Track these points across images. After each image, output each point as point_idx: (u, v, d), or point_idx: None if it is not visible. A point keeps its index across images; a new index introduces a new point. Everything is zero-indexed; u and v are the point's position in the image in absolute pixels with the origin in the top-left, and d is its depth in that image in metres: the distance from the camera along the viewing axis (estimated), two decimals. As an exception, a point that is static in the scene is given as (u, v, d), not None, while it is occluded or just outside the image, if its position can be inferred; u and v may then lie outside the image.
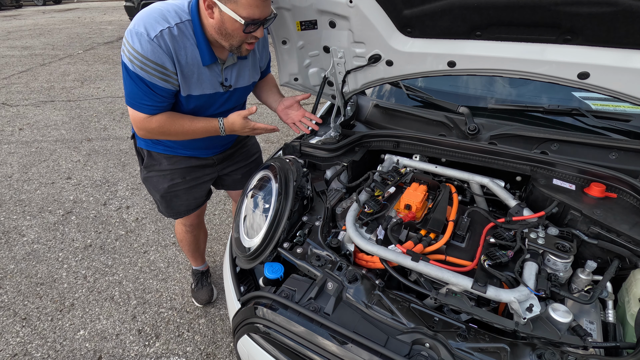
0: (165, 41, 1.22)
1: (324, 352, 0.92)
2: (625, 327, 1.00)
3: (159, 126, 1.36)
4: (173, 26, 1.23)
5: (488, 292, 0.96)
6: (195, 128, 1.42)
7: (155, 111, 1.34)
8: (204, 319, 2.21)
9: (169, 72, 1.27)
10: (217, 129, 1.43)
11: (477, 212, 1.33)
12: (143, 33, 1.19)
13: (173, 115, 1.38)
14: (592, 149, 1.42)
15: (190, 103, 1.40)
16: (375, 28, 1.40)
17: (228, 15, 1.18)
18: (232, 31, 1.22)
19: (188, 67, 1.31)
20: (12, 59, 7.94)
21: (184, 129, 1.40)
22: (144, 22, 1.20)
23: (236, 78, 1.47)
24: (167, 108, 1.37)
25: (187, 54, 1.28)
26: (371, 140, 1.65)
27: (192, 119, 1.42)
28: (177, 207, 1.80)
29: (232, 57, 1.42)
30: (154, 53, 1.21)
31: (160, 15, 1.22)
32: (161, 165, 1.66)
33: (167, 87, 1.29)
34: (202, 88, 1.38)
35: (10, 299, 2.36)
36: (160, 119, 1.35)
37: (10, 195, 3.39)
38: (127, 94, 1.30)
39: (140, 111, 1.32)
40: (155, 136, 1.43)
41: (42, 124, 4.83)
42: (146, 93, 1.27)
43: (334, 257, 1.15)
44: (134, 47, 1.20)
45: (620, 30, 1.06)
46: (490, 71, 1.34)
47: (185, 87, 1.34)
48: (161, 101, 1.32)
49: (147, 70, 1.22)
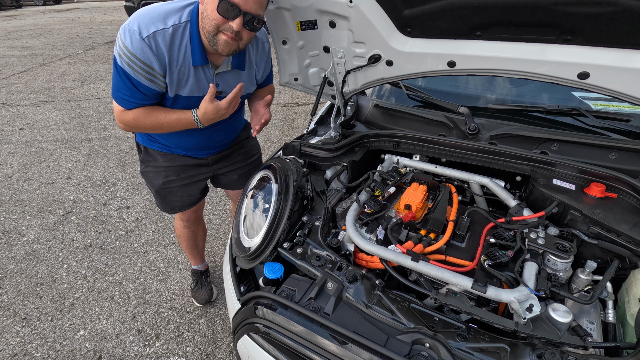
0: (156, 42, 1.23)
1: (324, 352, 0.92)
2: (625, 327, 1.00)
3: (134, 119, 1.37)
4: (168, 28, 1.24)
5: (488, 292, 0.96)
6: (170, 120, 1.39)
7: (134, 107, 1.35)
8: (204, 319, 2.21)
9: (156, 72, 1.28)
10: (190, 120, 1.39)
11: (477, 212, 1.33)
12: (135, 31, 1.20)
13: (148, 109, 1.38)
14: (592, 149, 1.42)
15: (177, 103, 1.41)
16: (375, 28, 1.40)
17: None
18: (210, 12, 1.20)
19: (179, 68, 1.32)
20: (12, 59, 7.94)
21: (159, 120, 1.39)
22: (138, 21, 1.22)
23: (229, 86, 1.46)
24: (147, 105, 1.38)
25: (179, 54, 1.30)
26: (371, 140, 1.65)
27: (166, 111, 1.40)
28: (171, 203, 1.83)
29: (226, 64, 1.43)
30: (143, 52, 1.22)
31: (158, 16, 1.24)
32: (157, 161, 1.68)
33: (151, 87, 1.31)
34: (192, 90, 1.39)
35: (10, 299, 2.36)
36: (135, 112, 1.36)
37: (10, 195, 3.39)
38: (112, 86, 1.33)
39: (120, 104, 1.35)
40: (133, 129, 1.43)
41: (42, 124, 4.82)
42: (129, 89, 1.29)
43: (334, 257, 1.15)
44: (124, 43, 1.22)
45: (620, 30, 1.06)
46: (490, 71, 1.34)
47: (174, 87, 1.35)
48: (143, 99, 1.34)
49: (134, 67, 1.24)
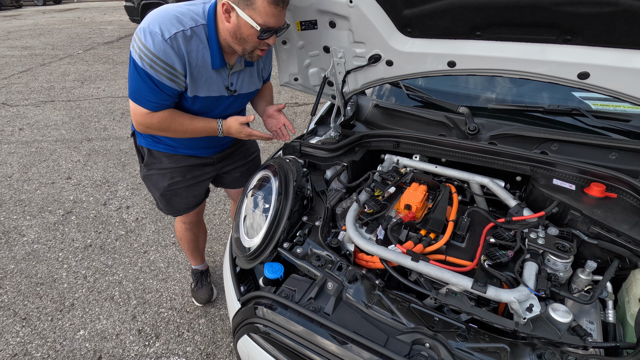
0: (178, 43, 1.25)
1: (324, 352, 0.92)
2: (625, 327, 1.00)
3: (160, 122, 1.39)
4: (187, 29, 1.27)
5: (488, 292, 0.96)
6: (195, 127, 1.46)
7: (158, 108, 1.36)
8: (204, 319, 2.21)
9: (178, 73, 1.29)
10: (215, 130, 1.48)
11: (477, 212, 1.33)
12: (157, 33, 1.22)
13: (174, 113, 1.41)
14: (592, 149, 1.42)
15: (195, 104, 1.44)
16: (375, 28, 1.40)
17: (245, 21, 1.22)
18: (248, 36, 1.26)
19: (198, 69, 1.34)
20: (12, 59, 7.93)
21: (184, 127, 1.44)
22: (159, 22, 1.23)
23: (241, 84, 1.52)
24: (170, 106, 1.40)
25: (198, 56, 1.32)
26: (371, 140, 1.65)
27: (192, 118, 1.45)
28: (176, 205, 1.83)
29: (239, 63, 1.46)
30: (166, 53, 1.24)
31: (176, 18, 1.25)
32: (162, 163, 1.68)
33: (173, 87, 1.32)
34: (209, 90, 1.42)
35: (10, 299, 2.36)
36: (162, 115, 1.38)
37: (10, 195, 3.39)
38: (132, 89, 1.33)
39: (143, 107, 1.35)
40: (154, 132, 1.46)
41: (42, 124, 4.82)
42: (152, 90, 1.30)
43: (334, 257, 1.15)
44: (145, 45, 1.22)
45: (620, 30, 1.06)
46: (490, 71, 1.34)
47: (193, 88, 1.37)
48: (165, 99, 1.35)
49: (156, 68, 1.25)
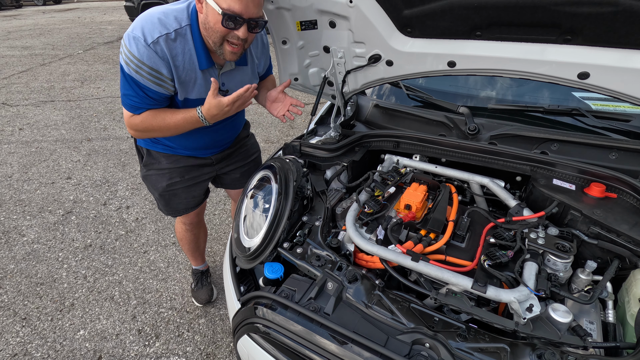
0: (161, 47, 1.24)
1: (324, 352, 0.92)
2: (625, 327, 1.00)
3: (142, 122, 1.38)
4: (171, 32, 1.25)
5: (488, 292, 0.96)
6: (177, 120, 1.39)
7: (143, 112, 1.36)
8: (204, 319, 2.21)
9: (164, 77, 1.29)
10: (196, 117, 1.38)
11: (477, 212, 1.33)
12: (140, 38, 1.21)
13: (154, 111, 1.39)
14: (592, 149, 1.42)
15: (187, 106, 1.42)
16: (375, 28, 1.40)
17: (211, 7, 1.19)
18: (214, 25, 1.22)
19: (185, 72, 1.33)
20: (12, 59, 7.93)
21: (166, 122, 1.39)
22: (142, 27, 1.22)
23: (234, 84, 1.48)
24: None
25: (184, 58, 1.30)
26: (371, 140, 1.65)
27: (172, 112, 1.40)
28: (175, 206, 1.82)
29: (229, 63, 1.43)
30: (150, 58, 1.23)
31: (160, 21, 1.24)
32: (160, 164, 1.67)
33: (160, 91, 1.32)
34: (200, 92, 1.40)
35: (10, 299, 2.36)
36: (143, 115, 1.37)
37: (10, 195, 3.39)
38: (121, 94, 1.34)
39: (130, 111, 1.36)
40: (142, 134, 1.45)
41: (42, 124, 4.82)
42: (138, 95, 1.30)
43: (334, 257, 1.15)
44: (130, 51, 1.23)
45: (620, 30, 1.06)
46: (490, 71, 1.34)
47: (183, 91, 1.36)
48: (152, 103, 1.35)
49: (142, 73, 1.25)
